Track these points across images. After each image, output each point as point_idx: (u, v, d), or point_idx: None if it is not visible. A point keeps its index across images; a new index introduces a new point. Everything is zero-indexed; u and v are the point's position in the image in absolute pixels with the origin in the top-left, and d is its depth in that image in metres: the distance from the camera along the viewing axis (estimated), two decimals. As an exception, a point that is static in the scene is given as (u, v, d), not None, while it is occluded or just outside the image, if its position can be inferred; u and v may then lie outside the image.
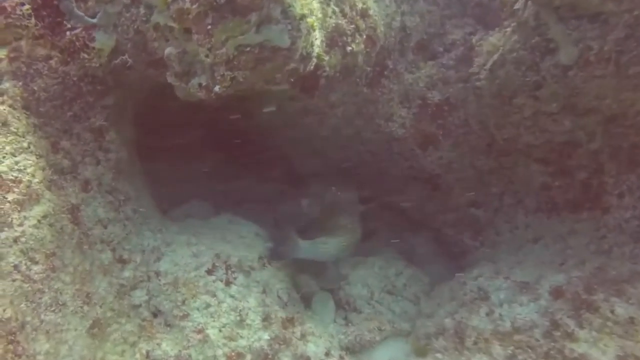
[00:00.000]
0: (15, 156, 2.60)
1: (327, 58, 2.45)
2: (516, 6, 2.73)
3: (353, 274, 3.77)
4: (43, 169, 2.71)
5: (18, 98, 2.72)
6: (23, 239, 2.46)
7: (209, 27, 1.86)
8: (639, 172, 3.12)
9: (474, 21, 3.61)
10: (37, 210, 2.58)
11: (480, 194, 3.87)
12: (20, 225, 2.47)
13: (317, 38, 2.33)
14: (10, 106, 2.66)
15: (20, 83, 2.75)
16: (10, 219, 2.43)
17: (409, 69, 3.57)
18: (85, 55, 1.93)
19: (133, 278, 3.03)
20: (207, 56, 1.99)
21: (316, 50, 2.32)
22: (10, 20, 2.02)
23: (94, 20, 1.91)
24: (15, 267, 2.37)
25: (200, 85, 2.12)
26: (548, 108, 2.67)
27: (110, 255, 2.99)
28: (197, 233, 3.42)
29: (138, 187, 3.45)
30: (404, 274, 3.84)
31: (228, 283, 3.13)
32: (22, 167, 2.60)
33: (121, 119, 3.29)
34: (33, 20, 2.03)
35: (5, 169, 2.53)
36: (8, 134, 2.61)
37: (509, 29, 2.78)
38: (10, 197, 2.48)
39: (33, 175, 2.62)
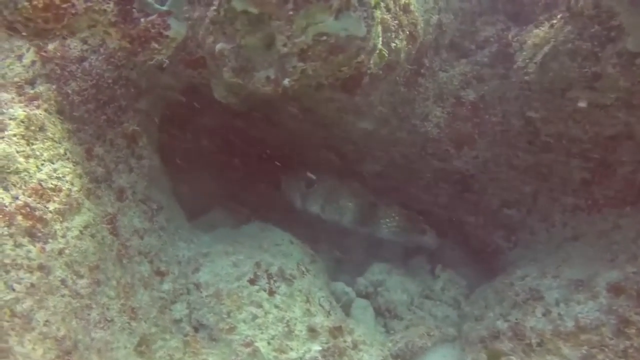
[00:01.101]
0: (53, 163, 2.43)
1: (386, 53, 2.34)
2: (565, -2, 2.68)
3: (390, 280, 3.65)
4: (80, 177, 2.54)
5: (52, 102, 2.55)
6: (67, 251, 2.28)
7: (291, 12, 1.74)
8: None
9: (505, 18, 3.56)
10: (79, 221, 2.40)
11: (514, 193, 3.80)
12: (64, 236, 2.29)
13: (379, 30, 2.23)
14: (45, 110, 2.49)
15: (54, 86, 2.58)
16: (53, 230, 2.25)
17: (443, 67, 3.50)
18: (156, 45, 1.80)
19: (173, 291, 2.86)
20: (284, 45, 1.87)
21: (379, 43, 2.22)
22: (90, 3, 1.85)
23: (164, 8, 1.77)
24: (63, 281, 2.20)
25: (268, 78, 1.99)
26: (604, 100, 2.61)
27: (149, 268, 2.82)
28: (233, 242, 3.27)
29: (167, 195, 3.30)
30: (440, 277, 3.73)
31: (272, 293, 2.98)
32: (60, 175, 2.42)
33: (151, 124, 3.14)
34: (112, 4, 1.87)
35: (44, 176, 2.35)
36: (45, 140, 2.44)
37: (557, 21, 2.73)
38: (51, 206, 2.30)
39: (72, 184, 2.45)
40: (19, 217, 2.14)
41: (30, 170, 2.32)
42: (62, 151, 2.50)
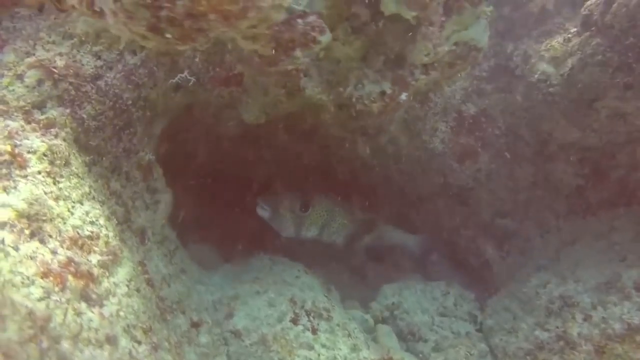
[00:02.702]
0: (83, 204, 1.97)
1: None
2: (585, 12, 2.80)
3: (405, 302, 3.52)
4: (109, 219, 2.09)
5: (69, 129, 2.08)
6: (122, 313, 1.84)
7: (443, 18, 1.57)
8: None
9: (496, 33, 3.66)
10: (123, 274, 1.96)
11: (508, 203, 3.90)
12: (114, 294, 1.85)
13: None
14: (64, 140, 2.02)
15: (68, 110, 2.11)
16: (104, 288, 1.80)
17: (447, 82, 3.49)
18: (299, 54, 1.50)
19: (212, 344, 2.46)
20: (427, 54, 1.68)
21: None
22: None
23: (301, 8, 1.46)
24: (130, 353, 1.75)
25: (383, 94, 1.78)
26: (628, 109, 2.75)
27: (184, 320, 2.40)
28: (256, 279, 2.93)
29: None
30: (450, 293, 3.69)
31: (314, 331, 2.71)
32: (93, 219, 1.97)
33: (157, 151, 2.72)
34: None
35: (78, 222, 1.89)
36: (71, 177, 1.97)
37: (573, 35, 2.85)
38: (94, 259, 1.85)
39: (107, 228, 2.00)
40: (70, 278, 1.68)
41: (63, 215, 1.85)
42: (87, 189, 2.04)
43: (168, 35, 1.34)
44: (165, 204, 2.62)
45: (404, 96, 1.80)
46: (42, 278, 1.58)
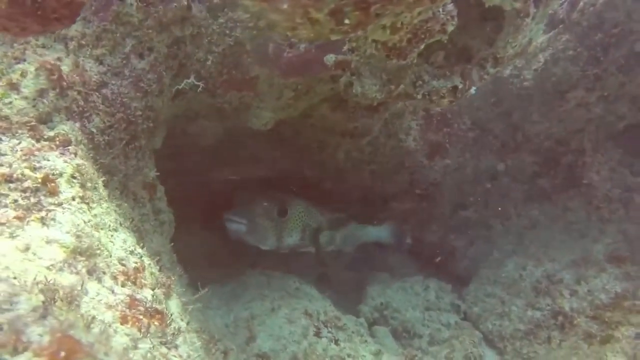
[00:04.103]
0: (117, 231, 1.69)
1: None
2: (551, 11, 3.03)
3: (393, 300, 3.53)
4: (143, 246, 1.82)
5: (83, 146, 1.77)
6: (192, 352, 1.60)
7: (535, 10, 1.57)
8: (605, 149, 3.79)
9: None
10: (175, 307, 1.72)
11: (469, 195, 4.08)
12: (180, 332, 1.60)
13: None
14: (83, 158, 1.71)
15: (77, 124, 1.80)
16: (172, 327, 1.55)
17: (416, 81, 3.57)
18: (419, 47, 1.34)
19: (244, 372, 2.25)
20: (514, 47, 1.66)
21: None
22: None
23: None
24: (213, 394, 1.53)
25: (454, 89, 1.73)
26: (592, 99, 3.02)
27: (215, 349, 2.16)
28: (261, 296, 2.74)
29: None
30: (430, 287, 3.77)
31: (337, 342, 2.60)
32: (132, 247, 1.70)
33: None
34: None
35: (122, 253, 1.62)
36: (102, 201, 1.68)
37: (548, 32, 3.06)
38: (148, 294, 1.58)
39: (146, 256, 1.74)
40: (144, 320, 1.42)
41: (108, 247, 1.57)
42: (114, 215, 1.75)
43: (346, 21, 1.18)
44: (170, 225, 2.35)
45: (473, 90, 1.79)
46: (122, 324, 1.32)
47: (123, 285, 1.51)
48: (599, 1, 2.79)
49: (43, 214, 1.44)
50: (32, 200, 1.46)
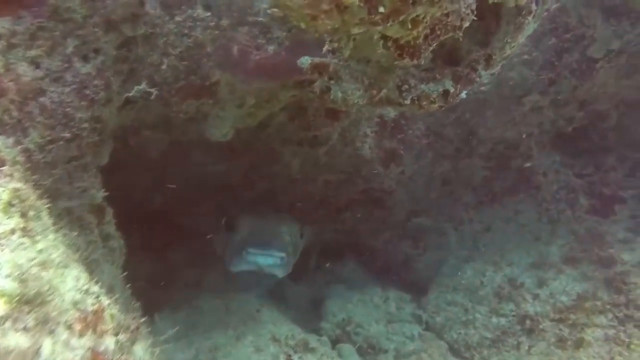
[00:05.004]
0: (69, 268, 1.41)
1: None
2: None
3: (355, 314, 3.40)
4: (97, 282, 1.54)
5: (19, 167, 1.47)
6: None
7: (536, 8, 1.47)
8: (550, 152, 3.90)
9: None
10: (142, 353, 1.45)
11: (422, 202, 4.04)
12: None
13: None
14: (21, 181, 1.42)
15: (11, 139, 1.50)
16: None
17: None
18: (434, 44, 1.16)
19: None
20: (512, 48, 1.55)
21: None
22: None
23: None
24: None
25: (446, 93, 1.60)
26: (545, 102, 3.06)
27: (181, 393, 1.91)
28: (222, 323, 2.51)
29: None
30: (390, 298, 3.67)
31: (308, 367, 2.42)
32: (86, 286, 1.42)
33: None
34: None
35: (77, 295, 1.34)
36: (48, 232, 1.39)
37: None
38: (111, 342, 1.32)
39: (104, 295, 1.46)
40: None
41: (58, 288, 1.29)
42: (61, 249, 1.47)
43: (380, 10, 0.99)
44: (120, 252, 2.06)
45: (464, 94, 1.68)
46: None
47: (82, 336, 1.25)
48: (553, 6, 2.81)
49: (-25, 254, 1.15)
50: (-39, 237, 1.17)
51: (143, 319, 1.51)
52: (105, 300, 1.42)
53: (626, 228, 3.47)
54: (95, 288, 1.44)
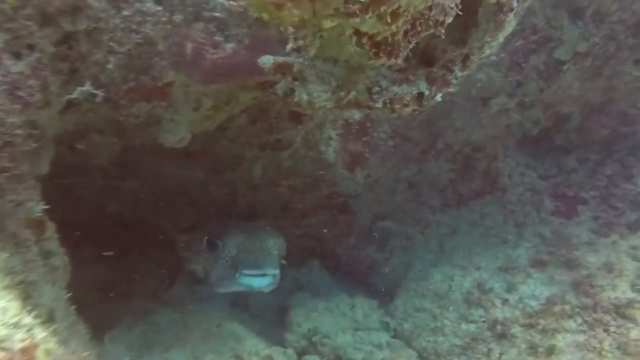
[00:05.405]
0: (-5, 298, 1.22)
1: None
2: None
3: (321, 324, 3.27)
4: (31, 310, 1.36)
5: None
6: None
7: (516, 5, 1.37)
8: (514, 154, 3.89)
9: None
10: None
11: (387, 205, 3.96)
12: None
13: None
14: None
15: None
16: None
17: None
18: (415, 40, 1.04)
19: None
20: (492, 47, 1.45)
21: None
22: None
23: None
24: None
25: (421, 96, 1.49)
26: (512, 104, 3.02)
27: None
28: (181, 341, 2.33)
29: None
30: (357, 305, 3.56)
31: (274, 386, 2.28)
32: (16, 319, 1.24)
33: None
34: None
35: (2, 331, 1.16)
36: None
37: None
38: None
39: (38, 326, 1.29)
40: None
41: (-20, 324, 1.10)
42: (-13, 273, 1.28)
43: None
44: (64, 270, 1.86)
45: (439, 97, 1.57)
46: None
47: (9, 381, 1.07)
48: (518, 7, 2.76)
49: None
50: None
51: (87, 352, 1.34)
52: (40, 333, 1.25)
53: (590, 229, 3.48)
54: (28, 319, 1.27)
